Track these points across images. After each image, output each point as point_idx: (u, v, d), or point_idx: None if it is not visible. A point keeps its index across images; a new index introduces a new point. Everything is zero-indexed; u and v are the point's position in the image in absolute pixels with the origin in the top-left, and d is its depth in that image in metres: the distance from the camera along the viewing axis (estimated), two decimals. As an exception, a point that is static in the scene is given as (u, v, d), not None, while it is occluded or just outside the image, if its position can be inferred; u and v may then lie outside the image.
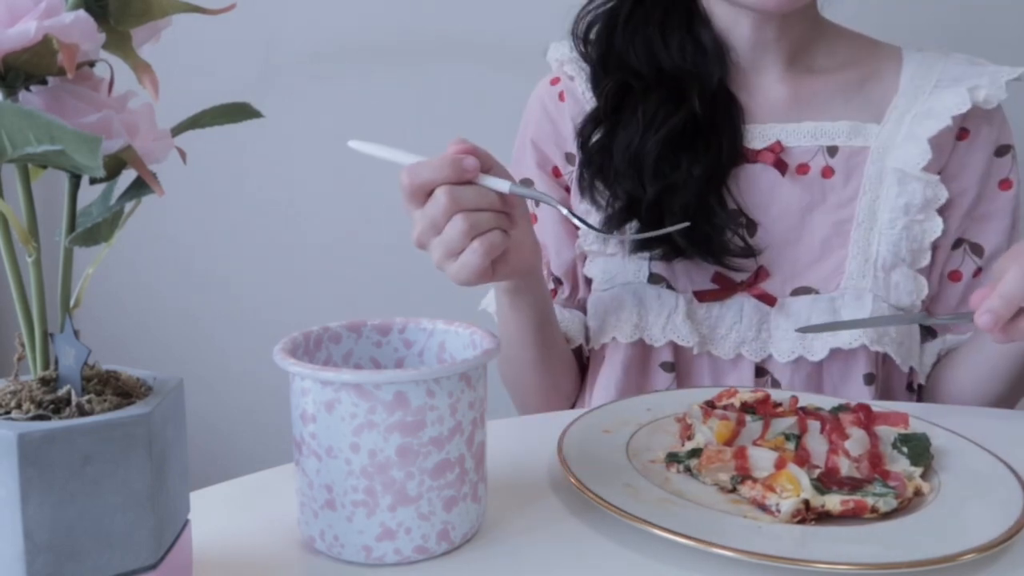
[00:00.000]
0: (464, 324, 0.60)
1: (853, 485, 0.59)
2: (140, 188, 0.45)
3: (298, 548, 0.55)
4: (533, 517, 0.59)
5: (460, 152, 0.70)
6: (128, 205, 0.45)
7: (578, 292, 0.98)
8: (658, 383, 0.91)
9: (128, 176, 0.46)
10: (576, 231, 0.96)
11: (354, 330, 0.61)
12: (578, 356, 0.98)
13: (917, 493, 0.59)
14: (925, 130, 0.90)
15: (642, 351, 0.91)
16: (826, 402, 0.72)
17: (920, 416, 0.70)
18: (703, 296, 0.91)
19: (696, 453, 0.63)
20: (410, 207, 0.73)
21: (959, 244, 0.94)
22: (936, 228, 0.90)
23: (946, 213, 0.91)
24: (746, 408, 0.69)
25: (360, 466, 0.51)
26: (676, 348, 0.91)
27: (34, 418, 0.42)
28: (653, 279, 0.91)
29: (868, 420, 0.66)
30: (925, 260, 0.91)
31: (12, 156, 0.39)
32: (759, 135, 0.93)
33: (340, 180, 1.56)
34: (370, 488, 0.51)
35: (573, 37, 0.97)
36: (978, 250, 0.94)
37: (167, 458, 0.44)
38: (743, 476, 0.60)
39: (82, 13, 0.41)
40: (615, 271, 0.93)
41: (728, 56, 0.94)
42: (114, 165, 0.45)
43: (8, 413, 0.43)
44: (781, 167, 0.92)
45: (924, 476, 0.62)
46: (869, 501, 0.57)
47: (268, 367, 0.56)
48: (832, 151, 0.92)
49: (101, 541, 0.41)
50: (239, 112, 0.48)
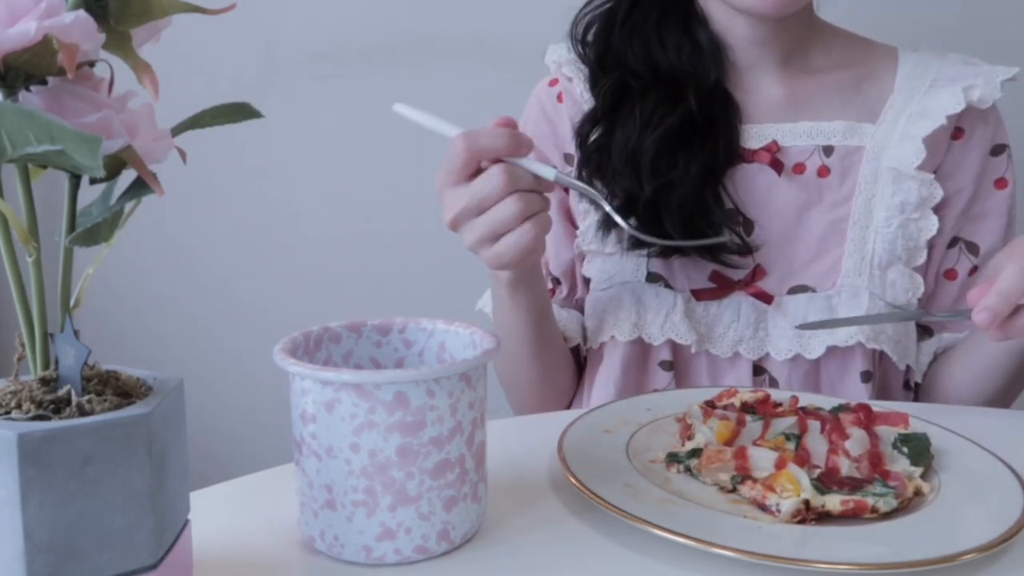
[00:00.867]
0: (464, 324, 0.60)
1: (853, 485, 0.58)
2: (140, 188, 0.45)
3: (298, 548, 0.55)
4: (533, 517, 0.59)
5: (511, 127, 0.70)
6: (128, 205, 0.45)
7: (576, 292, 0.98)
8: (657, 381, 0.92)
9: (128, 176, 0.46)
10: (574, 231, 0.96)
11: (354, 330, 0.61)
12: (575, 355, 0.98)
13: (917, 493, 0.59)
14: (920, 129, 0.90)
15: (641, 349, 0.92)
16: (826, 402, 0.72)
17: (920, 416, 0.70)
18: (701, 295, 0.91)
19: (696, 453, 0.63)
20: (452, 180, 0.71)
21: (955, 243, 0.94)
22: (931, 226, 0.91)
23: (942, 212, 0.92)
24: (746, 408, 0.69)
25: (360, 466, 0.51)
26: (674, 346, 0.91)
27: (34, 418, 0.42)
28: (651, 278, 0.91)
29: (868, 420, 0.66)
30: (921, 258, 0.91)
31: (12, 156, 0.39)
32: (755, 135, 0.93)
33: (340, 180, 1.56)
34: (370, 488, 0.51)
35: (571, 38, 0.97)
36: (974, 249, 0.94)
37: (167, 458, 0.44)
38: (743, 476, 0.60)
39: (82, 13, 0.41)
40: (613, 270, 0.93)
41: (725, 56, 0.94)
42: (114, 165, 0.45)
43: (8, 413, 0.43)
44: (777, 167, 0.92)
45: (924, 476, 0.62)
46: (869, 501, 0.57)
47: (268, 367, 0.56)
48: (828, 151, 0.92)
49: (101, 541, 0.41)
50: (239, 112, 0.48)
